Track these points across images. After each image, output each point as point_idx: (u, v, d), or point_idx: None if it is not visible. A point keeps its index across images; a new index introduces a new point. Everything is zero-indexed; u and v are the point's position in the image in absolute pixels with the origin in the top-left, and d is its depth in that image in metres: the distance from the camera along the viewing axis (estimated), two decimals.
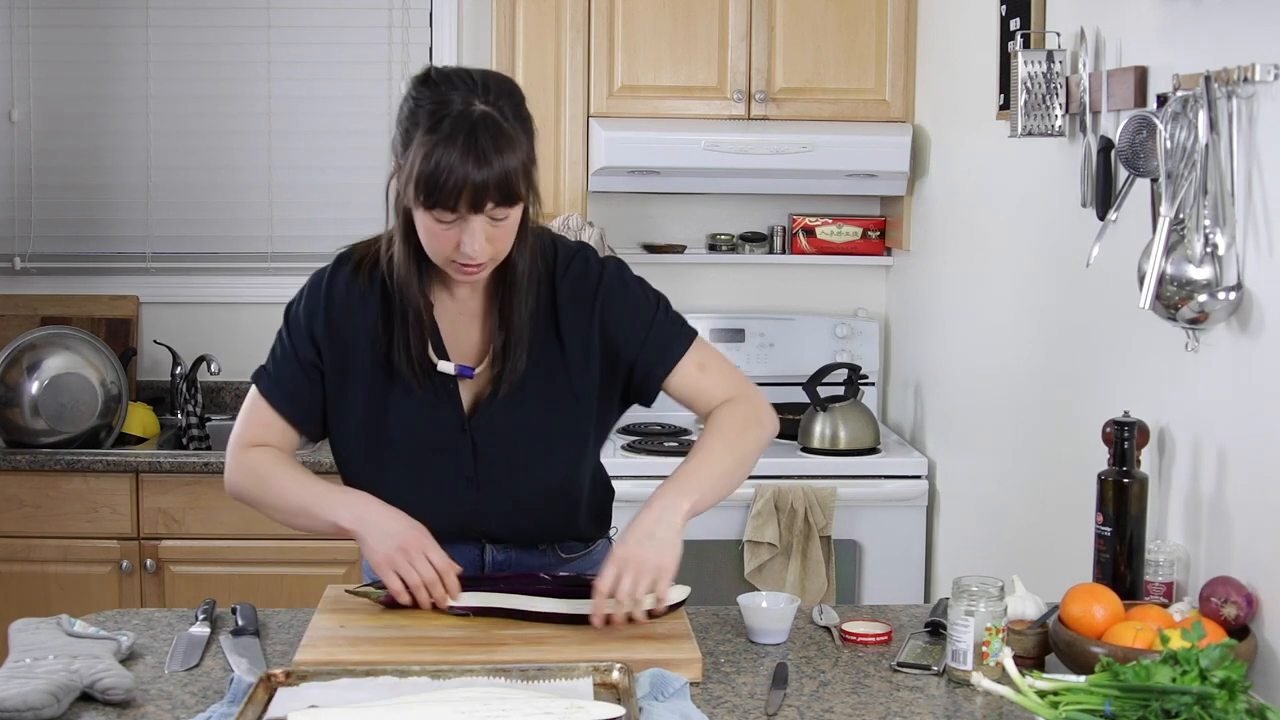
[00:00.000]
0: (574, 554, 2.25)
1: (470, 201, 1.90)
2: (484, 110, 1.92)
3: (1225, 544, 2.08)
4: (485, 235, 1.93)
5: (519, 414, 2.10)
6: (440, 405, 2.10)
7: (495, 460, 2.12)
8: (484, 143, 1.89)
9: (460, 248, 1.93)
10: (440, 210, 1.91)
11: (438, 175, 1.88)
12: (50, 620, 1.98)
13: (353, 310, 2.10)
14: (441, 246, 1.95)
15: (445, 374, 2.09)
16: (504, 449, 2.12)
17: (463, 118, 1.90)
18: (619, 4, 3.78)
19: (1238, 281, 2.03)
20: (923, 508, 3.63)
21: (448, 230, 1.93)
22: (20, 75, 4.08)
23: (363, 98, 4.13)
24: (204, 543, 3.59)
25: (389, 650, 1.90)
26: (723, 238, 4.14)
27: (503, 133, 1.91)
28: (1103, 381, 2.53)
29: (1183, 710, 1.56)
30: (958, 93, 3.47)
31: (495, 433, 2.11)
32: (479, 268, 1.98)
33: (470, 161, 1.88)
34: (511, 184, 1.91)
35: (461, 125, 1.89)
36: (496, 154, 1.89)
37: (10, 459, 3.55)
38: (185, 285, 4.15)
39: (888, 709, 1.81)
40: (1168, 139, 2.10)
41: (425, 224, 1.95)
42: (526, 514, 2.17)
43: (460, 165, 1.88)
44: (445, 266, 1.99)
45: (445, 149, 1.88)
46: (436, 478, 2.12)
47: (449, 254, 1.96)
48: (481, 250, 1.94)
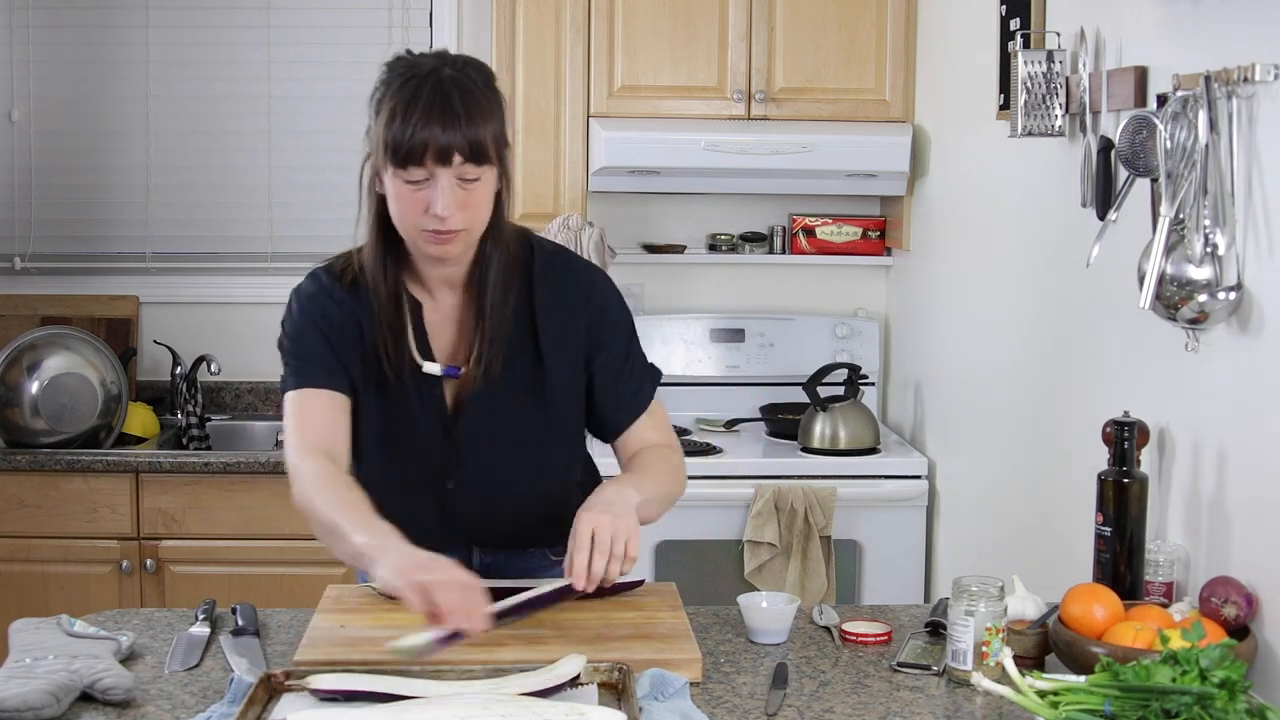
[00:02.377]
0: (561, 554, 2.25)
1: (437, 153, 1.90)
2: (452, 74, 1.95)
3: (1225, 544, 2.08)
4: (456, 199, 1.93)
5: (500, 416, 2.11)
6: (425, 408, 2.10)
7: (478, 464, 2.13)
8: (452, 97, 1.92)
9: (430, 208, 1.92)
10: (410, 168, 1.91)
11: (405, 128, 1.90)
12: (50, 620, 1.98)
13: (341, 316, 2.10)
14: (411, 211, 1.95)
15: (430, 375, 2.08)
16: (486, 452, 2.12)
17: (430, 76, 1.94)
18: (619, 4, 3.78)
19: (1238, 281, 2.03)
20: (923, 508, 3.63)
21: (417, 192, 1.93)
22: (20, 75, 4.08)
23: (363, 98, 4.05)
24: (204, 543, 3.59)
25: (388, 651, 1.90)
26: (723, 238, 4.14)
27: (471, 95, 1.93)
28: (1103, 381, 2.54)
29: (1183, 710, 1.56)
30: (958, 93, 3.47)
31: (478, 436, 2.11)
32: (451, 236, 1.96)
33: (436, 113, 1.90)
34: (480, 141, 1.92)
35: (428, 82, 1.93)
36: (464, 110, 1.92)
37: (10, 459, 3.55)
38: (185, 285, 4.15)
39: (888, 709, 1.81)
40: (1168, 139, 2.10)
41: (395, 190, 1.95)
42: (511, 518, 2.17)
43: (426, 117, 1.90)
44: (417, 240, 1.98)
45: (412, 104, 1.91)
46: (421, 481, 2.13)
47: (419, 220, 1.95)
48: (450, 209, 1.92)
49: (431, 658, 1.77)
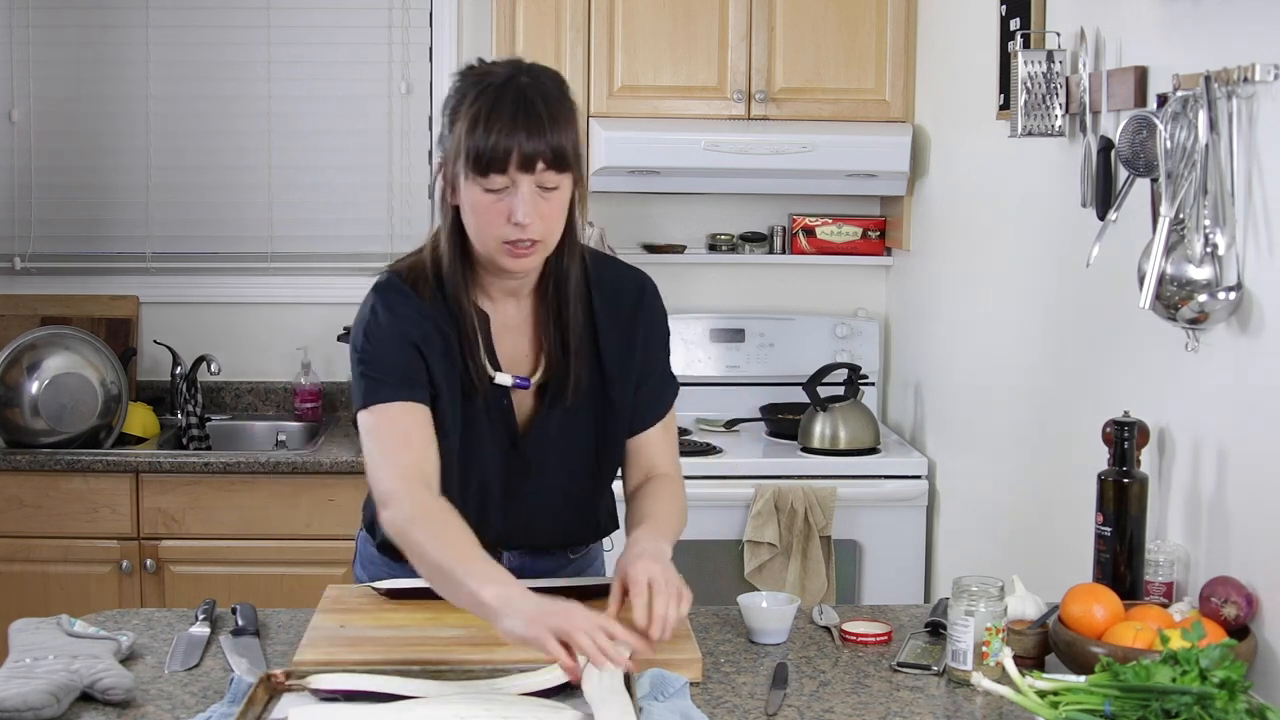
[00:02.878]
0: (578, 553, 2.27)
1: (520, 160, 1.88)
2: (529, 81, 1.93)
3: (1225, 544, 2.08)
4: (537, 208, 1.91)
5: (569, 428, 2.10)
6: (494, 419, 2.08)
7: (545, 475, 2.11)
8: (535, 103, 1.90)
9: (511, 217, 1.90)
10: (491, 175, 1.89)
11: (488, 135, 1.88)
12: (50, 620, 1.98)
13: (426, 325, 2.02)
14: (491, 222, 1.92)
15: (501, 386, 2.06)
16: (554, 464, 2.11)
17: (509, 84, 1.92)
18: (619, 4, 3.78)
19: (1238, 281, 2.03)
20: (923, 508, 3.63)
21: (498, 202, 1.91)
22: (20, 75, 4.08)
23: (363, 98, 4.13)
24: (204, 543, 3.59)
25: (389, 650, 1.90)
26: (723, 238, 4.14)
27: (551, 101, 1.92)
28: (1103, 381, 2.54)
29: (1183, 710, 1.56)
30: (958, 93, 3.47)
31: (546, 448, 2.10)
32: (531, 247, 1.93)
33: (521, 119, 1.89)
34: (562, 148, 1.91)
35: (509, 90, 1.91)
36: (548, 115, 1.90)
37: (10, 459, 3.55)
38: (185, 285, 4.15)
39: (888, 709, 1.81)
40: (1168, 139, 2.10)
41: (475, 200, 1.92)
42: (552, 523, 2.17)
43: (511, 124, 1.88)
44: (496, 252, 1.95)
45: (495, 110, 1.89)
46: (483, 491, 2.10)
47: (499, 231, 1.92)
48: (531, 216, 1.90)
49: None
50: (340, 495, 3.57)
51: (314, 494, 3.58)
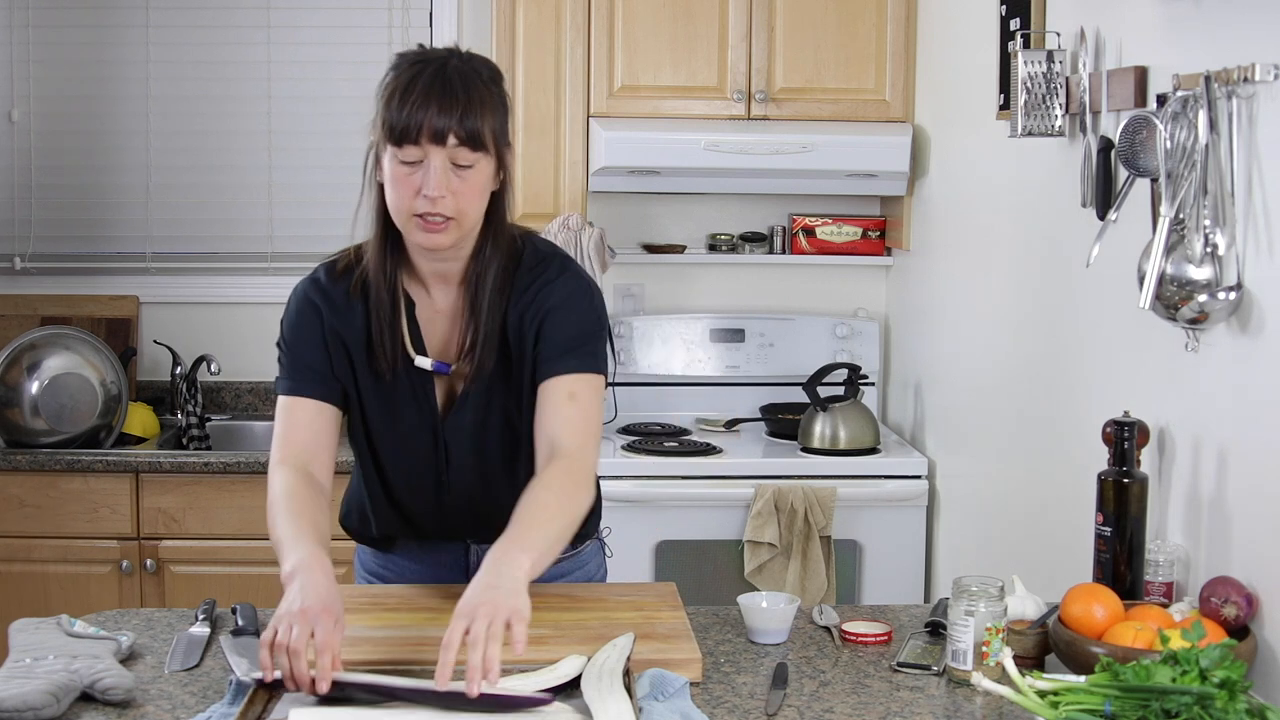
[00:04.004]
0: (563, 554, 2.24)
1: (431, 132, 1.92)
2: (458, 64, 1.98)
3: (1225, 544, 2.08)
4: (447, 182, 1.94)
5: (484, 415, 2.11)
6: (416, 403, 2.12)
7: (464, 464, 2.14)
8: (453, 81, 1.95)
9: (422, 189, 1.94)
10: (405, 146, 1.93)
11: (403, 108, 1.93)
12: (50, 620, 1.98)
13: (339, 310, 2.12)
14: (404, 194, 1.96)
15: (422, 370, 2.09)
16: (471, 449, 2.13)
17: (435, 63, 1.97)
18: (619, 4, 3.78)
19: (1238, 281, 2.03)
20: (923, 508, 3.63)
21: (411, 175, 1.95)
22: (20, 75, 4.08)
23: (363, 98, 4.10)
24: (204, 543, 3.59)
25: (389, 650, 1.90)
26: (723, 238, 4.14)
27: (471, 84, 1.96)
28: (1103, 381, 2.54)
29: (1183, 710, 1.56)
30: (958, 93, 3.47)
31: (462, 433, 2.12)
32: (441, 224, 1.96)
33: (435, 94, 1.93)
34: (477, 127, 1.95)
35: (431, 66, 1.97)
36: (464, 93, 1.95)
37: (10, 459, 3.55)
38: (185, 285, 4.15)
39: (888, 709, 1.81)
40: (1168, 139, 2.10)
41: (391, 172, 1.97)
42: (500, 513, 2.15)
43: (424, 97, 1.93)
44: (409, 226, 1.98)
45: (412, 84, 1.95)
46: (413, 478, 2.15)
47: (411, 203, 1.96)
48: (440, 189, 1.93)
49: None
50: (340, 495, 3.55)
51: None
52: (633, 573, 3.40)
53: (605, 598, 2.14)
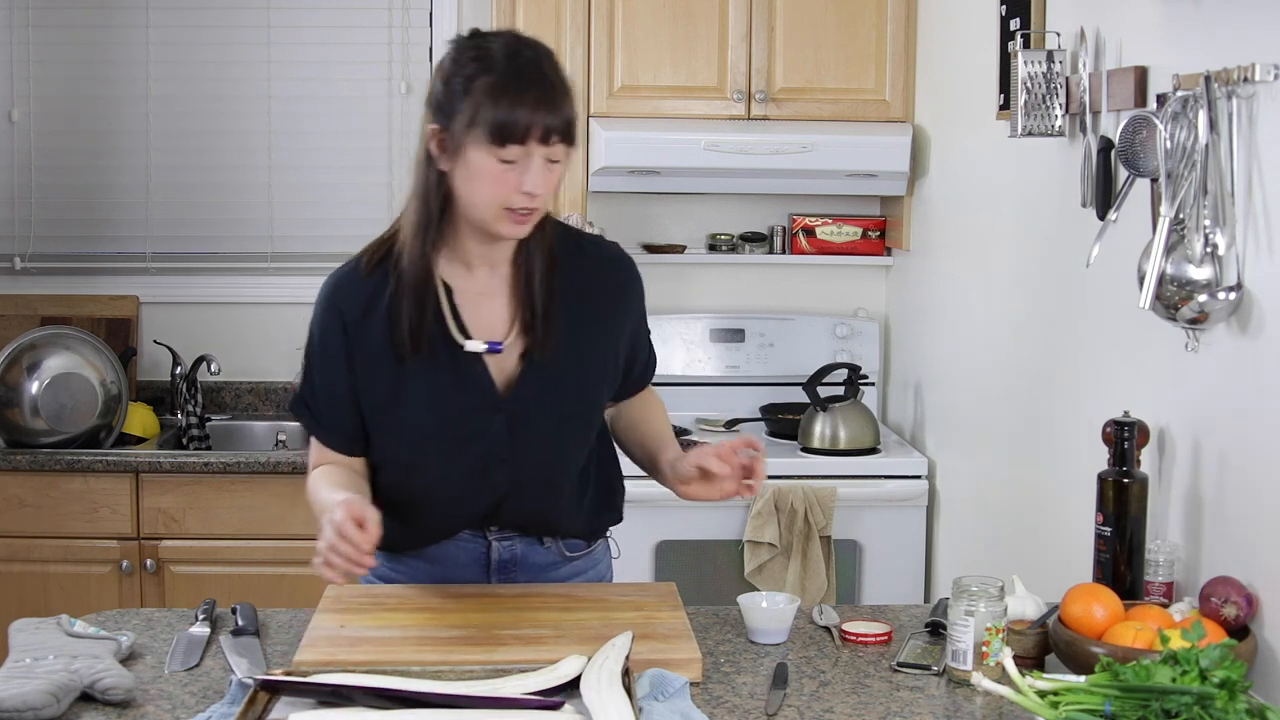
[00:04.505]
0: (578, 552, 2.26)
1: (541, 133, 1.95)
2: (535, 55, 2.00)
3: (1225, 544, 2.08)
4: (545, 179, 1.98)
5: (551, 386, 2.12)
6: (469, 386, 2.09)
7: (530, 435, 2.12)
8: (552, 79, 1.98)
9: (521, 187, 1.96)
10: (510, 146, 1.94)
11: (513, 109, 1.93)
12: (50, 620, 1.98)
13: (368, 307, 2.08)
14: (500, 190, 1.96)
15: (472, 353, 2.09)
16: (538, 423, 2.12)
17: (525, 59, 1.98)
18: (619, 4, 3.78)
19: (1238, 281, 2.03)
20: (923, 508, 3.63)
21: (508, 172, 1.96)
22: (20, 75, 4.08)
23: (363, 98, 4.14)
24: (204, 543, 3.60)
25: (389, 650, 1.90)
26: (723, 238, 4.14)
27: (560, 74, 2.01)
28: (1103, 381, 2.54)
29: (1183, 710, 1.56)
30: (958, 93, 3.47)
31: (530, 408, 2.11)
32: (530, 215, 2.00)
33: (545, 94, 1.96)
34: (573, 121, 2.00)
35: (528, 65, 1.97)
36: (563, 91, 1.99)
37: (10, 459, 3.55)
38: (185, 285, 4.15)
39: (888, 709, 1.81)
40: (1168, 139, 2.10)
41: (484, 168, 1.96)
42: (553, 492, 2.17)
43: (535, 98, 1.94)
44: (495, 219, 1.99)
45: (517, 84, 1.95)
46: (468, 460, 2.11)
47: (506, 198, 1.97)
48: (542, 187, 1.97)
49: None
50: None
51: None
52: (633, 573, 3.40)
53: (605, 598, 2.14)
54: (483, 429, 2.10)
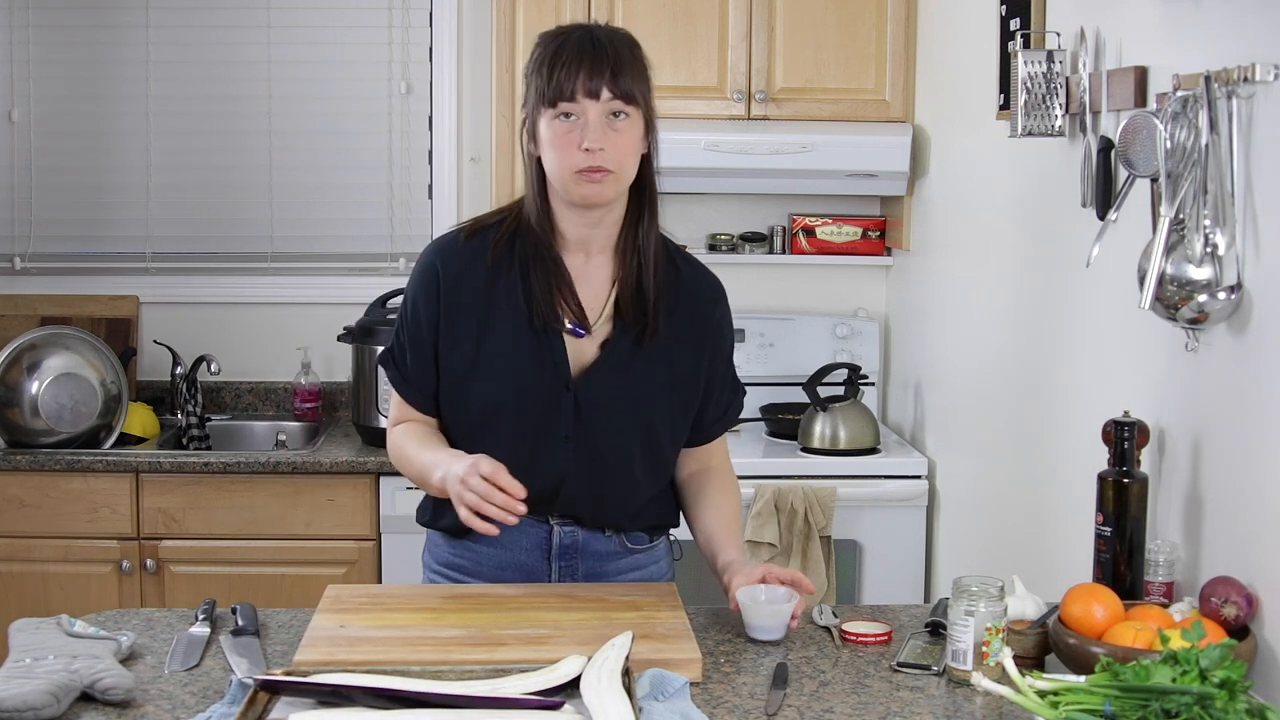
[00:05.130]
0: (640, 545, 2.30)
1: (586, 88, 2.04)
2: (602, 32, 2.10)
3: (1225, 544, 2.08)
4: (606, 135, 2.05)
5: (624, 381, 2.17)
6: (545, 363, 2.15)
7: (593, 419, 2.16)
8: (602, 42, 2.07)
9: (582, 144, 2.04)
10: (560, 104, 2.04)
11: (555, 70, 2.04)
12: (50, 620, 1.98)
13: (460, 273, 2.17)
14: (565, 151, 2.06)
15: (555, 331, 2.15)
16: (603, 409, 2.16)
17: (578, 34, 2.09)
18: (619, 4, 3.78)
19: (1238, 281, 2.03)
20: (923, 508, 3.63)
21: (569, 132, 2.05)
22: (20, 75, 4.08)
23: (363, 98, 4.14)
24: (204, 543, 3.60)
25: (389, 650, 1.90)
26: (723, 238, 4.14)
27: (620, 46, 2.09)
28: (1103, 381, 2.54)
29: (1183, 710, 1.56)
30: (958, 93, 3.47)
31: (596, 393, 2.16)
32: (602, 174, 2.06)
33: (587, 54, 2.05)
34: (627, 82, 2.06)
35: (578, 35, 2.09)
36: (613, 53, 2.06)
37: (10, 459, 3.55)
38: (185, 285, 4.15)
39: (888, 709, 1.81)
40: (1168, 139, 2.10)
41: (550, 133, 2.07)
42: (608, 489, 2.20)
43: (576, 58, 2.05)
44: (571, 182, 2.07)
45: (562, 49, 2.06)
46: (536, 434, 2.16)
47: (572, 159, 2.05)
48: (600, 141, 2.04)
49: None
50: (340, 495, 3.57)
51: (314, 494, 3.58)
52: None
53: (605, 598, 2.14)
54: (551, 407, 2.16)
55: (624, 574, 2.28)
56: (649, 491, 2.26)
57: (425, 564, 2.35)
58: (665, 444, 2.24)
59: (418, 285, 2.20)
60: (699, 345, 2.23)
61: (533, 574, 2.23)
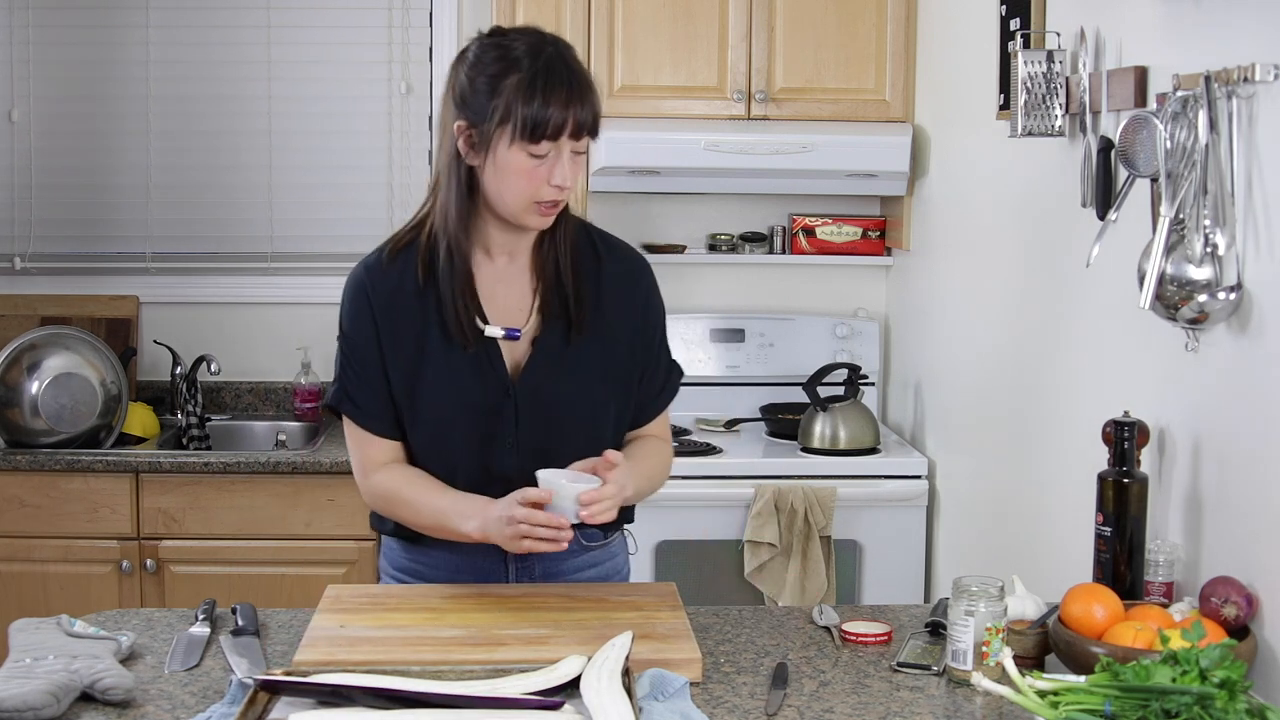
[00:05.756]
0: (595, 542, 2.29)
1: (574, 128, 2.01)
2: (560, 51, 2.04)
3: (1225, 544, 2.08)
4: (572, 171, 2.04)
5: (560, 378, 2.15)
6: (484, 370, 2.14)
7: (536, 423, 2.15)
8: (575, 70, 2.03)
9: (552, 180, 2.02)
10: (542, 142, 2.00)
11: (546, 106, 1.99)
12: (50, 620, 1.98)
13: (393, 293, 2.15)
14: (530, 184, 2.03)
15: (490, 338, 2.14)
16: (545, 412, 2.15)
17: (550, 55, 2.02)
18: (619, 4, 3.78)
19: (1238, 281, 2.03)
20: (923, 508, 3.63)
21: (538, 167, 2.02)
22: (20, 75, 4.08)
23: (363, 98, 4.14)
24: (204, 543, 3.59)
25: (389, 650, 1.90)
26: (723, 238, 4.14)
27: (583, 69, 2.05)
28: (1103, 381, 2.54)
29: (1183, 710, 1.56)
30: (958, 93, 3.47)
31: (538, 396, 2.15)
32: (558, 206, 2.07)
33: (576, 92, 2.01)
34: (599, 116, 2.06)
35: (552, 59, 2.02)
36: (588, 84, 2.04)
37: (10, 459, 3.55)
38: (185, 285, 4.15)
39: (888, 709, 1.81)
40: (1168, 139, 2.10)
41: (515, 164, 2.02)
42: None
43: (566, 96, 1.99)
44: (523, 211, 2.06)
45: (550, 82, 2.00)
46: (480, 444, 2.15)
47: (534, 193, 2.04)
48: (571, 180, 2.03)
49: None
50: (340, 495, 3.57)
51: (314, 494, 3.58)
52: (633, 573, 3.39)
53: (605, 598, 2.14)
54: (496, 413, 2.15)
55: (581, 572, 2.27)
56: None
57: (382, 569, 2.35)
58: (608, 433, 2.22)
59: (350, 310, 2.18)
60: (629, 329, 2.21)
61: (489, 576, 2.22)
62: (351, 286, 2.19)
